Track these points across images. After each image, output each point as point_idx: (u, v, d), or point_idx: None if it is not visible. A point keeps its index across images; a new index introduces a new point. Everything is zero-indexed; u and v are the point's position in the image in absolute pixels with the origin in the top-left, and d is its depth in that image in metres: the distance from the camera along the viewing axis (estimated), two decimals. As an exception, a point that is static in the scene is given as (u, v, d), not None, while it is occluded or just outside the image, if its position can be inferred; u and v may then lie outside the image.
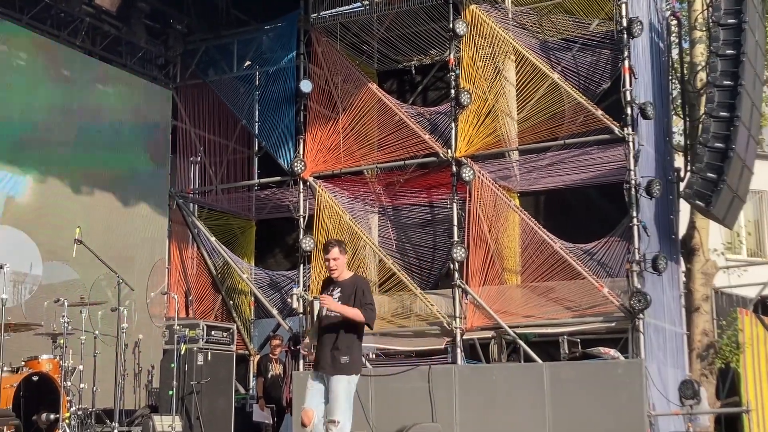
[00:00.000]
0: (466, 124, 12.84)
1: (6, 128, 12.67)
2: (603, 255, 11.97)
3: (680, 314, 13.61)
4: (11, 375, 9.78)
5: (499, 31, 12.81)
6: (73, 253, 10.55)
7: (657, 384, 11.37)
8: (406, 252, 14.04)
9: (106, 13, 14.21)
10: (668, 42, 14.42)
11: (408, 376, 12.17)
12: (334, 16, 14.22)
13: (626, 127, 11.88)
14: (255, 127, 15.40)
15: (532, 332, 12.24)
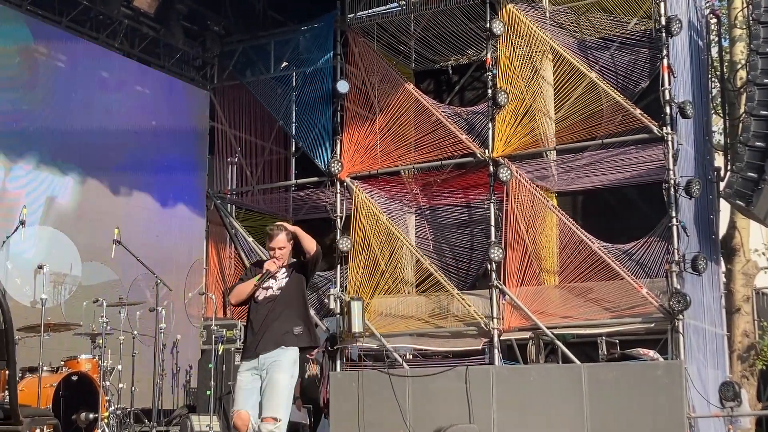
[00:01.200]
0: (503, 124, 12.78)
1: (47, 130, 12.80)
2: (642, 255, 11.85)
3: (720, 315, 13.45)
4: (51, 374, 9.86)
5: (536, 31, 12.74)
6: (111, 254, 10.64)
7: (697, 386, 11.25)
8: (443, 252, 14.00)
9: (144, 15, 14.31)
10: (707, 40, 14.26)
11: (445, 376, 12.14)
12: (371, 16, 14.21)
13: (665, 127, 11.76)
14: (292, 128, 15.43)
15: (570, 333, 12.15)
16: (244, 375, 7.19)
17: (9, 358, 3.78)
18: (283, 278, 7.34)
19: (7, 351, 3.76)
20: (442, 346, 12.78)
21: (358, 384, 12.51)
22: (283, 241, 7.38)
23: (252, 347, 7.22)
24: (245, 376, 7.18)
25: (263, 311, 7.26)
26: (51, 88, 13.00)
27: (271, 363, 7.09)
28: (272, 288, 7.30)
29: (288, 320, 7.24)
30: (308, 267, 7.49)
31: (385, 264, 13.38)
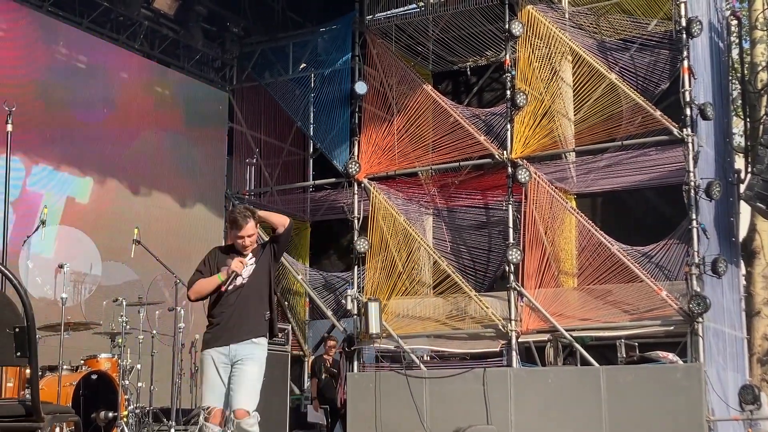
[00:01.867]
0: (522, 125, 12.75)
1: (67, 130, 12.87)
2: (661, 258, 11.81)
3: (740, 318, 13.37)
4: (71, 373, 9.90)
5: (555, 32, 12.71)
6: (131, 254, 10.68)
7: (716, 389, 11.18)
8: (461, 254, 13.98)
9: (164, 16, 14.38)
10: (728, 42, 14.19)
11: (463, 378, 12.12)
12: (389, 17, 14.21)
13: (685, 128, 11.71)
14: (310, 129, 15.48)
15: (589, 335, 12.11)
16: (213, 367, 6.67)
17: (31, 356, 3.79)
18: (251, 264, 6.84)
19: (29, 349, 3.78)
20: (460, 348, 12.76)
21: (376, 385, 12.50)
22: (252, 227, 6.82)
23: (222, 336, 6.69)
24: (214, 368, 6.67)
25: (232, 298, 6.76)
26: (71, 88, 13.07)
27: (246, 354, 6.67)
28: (241, 276, 6.80)
29: (259, 307, 6.84)
30: (280, 243, 7.01)
31: (402, 265, 13.37)
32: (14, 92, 11.44)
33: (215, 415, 6.54)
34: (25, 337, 3.78)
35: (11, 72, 12.23)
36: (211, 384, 6.65)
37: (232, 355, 6.66)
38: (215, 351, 6.67)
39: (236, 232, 6.80)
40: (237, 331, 6.69)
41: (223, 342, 6.67)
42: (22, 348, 3.78)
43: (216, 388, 6.62)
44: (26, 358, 3.81)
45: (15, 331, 3.80)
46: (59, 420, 4.19)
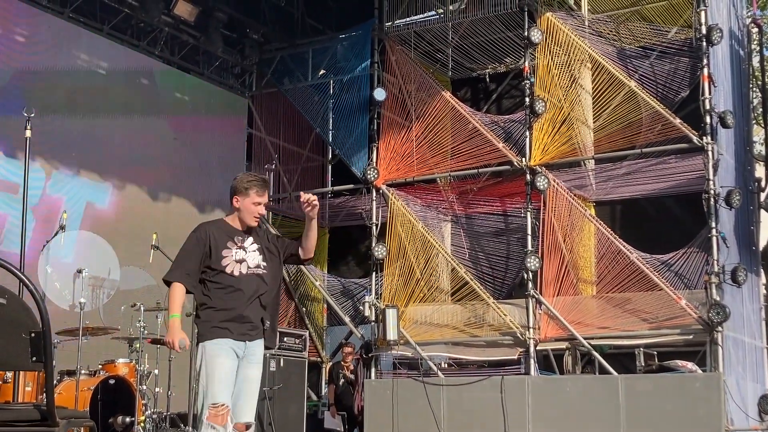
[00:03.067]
0: (541, 133, 12.72)
1: (87, 136, 12.94)
2: (681, 266, 11.75)
3: (760, 327, 13.27)
4: (89, 378, 9.94)
5: (574, 39, 12.69)
6: (150, 259, 10.71)
7: (736, 398, 11.11)
8: (479, 261, 13.95)
9: (184, 23, 14.45)
10: (749, 49, 14.12)
11: (480, 386, 12.09)
12: (409, 24, 14.22)
13: (705, 136, 11.65)
14: (329, 135, 15.50)
15: (608, 344, 12.06)
16: (227, 359, 5.79)
17: (46, 360, 3.80)
18: (257, 253, 6.03)
19: (44, 353, 3.79)
20: (478, 356, 12.73)
21: (393, 392, 12.49)
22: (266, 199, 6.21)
23: (240, 327, 5.85)
24: (228, 361, 5.80)
25: (250, 287, 5.92)
26: (91, 94, 13.14)
27: (257, 355, 5.97)
28: (258, 264, 5.99)
29: (276, 308, 6.18)
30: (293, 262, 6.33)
31: (420, 272, 13.36)
32: (34, 98, 11.52)
33: (225, 416, 5.70)
34: (41, 342, 3.79)
35: (32, 77, 12.31)
36: (226, 378, 5.76)
37: (244, 353, 5.88)
38: (229, 342, 5.80)
39: (256, 197, 6.01)
40: (255, 326, 5.90)
41: (239, 335, 5.83)
42: (37, 353, 3.80)
43: (230, 385, 5.79)
44: (42, 362, 3.82)
45: (31, 336, 3.81)
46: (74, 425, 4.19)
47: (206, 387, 5.74)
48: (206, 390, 5.73)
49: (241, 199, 6.04)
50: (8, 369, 8.06)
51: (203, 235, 6.00)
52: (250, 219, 6.04)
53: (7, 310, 3.79)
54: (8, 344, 3.80)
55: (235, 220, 6.10)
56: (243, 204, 6.03)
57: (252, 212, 6.03)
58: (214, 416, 5.65)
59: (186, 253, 5.98)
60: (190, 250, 5.98)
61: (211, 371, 5.74)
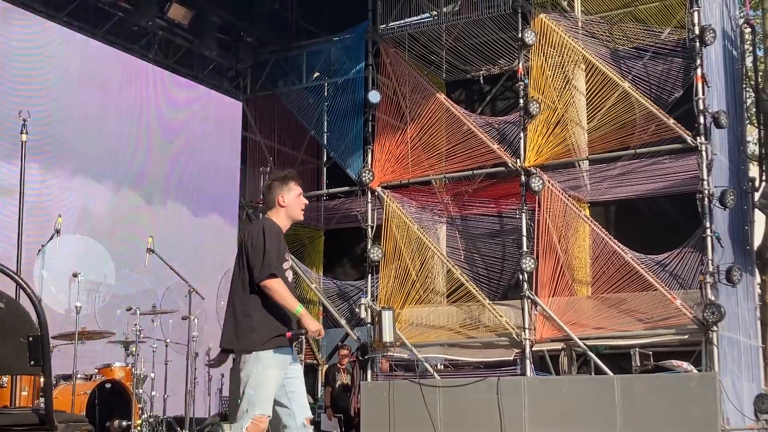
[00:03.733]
0: (535, 134, 12.75)
1: (82, 140, 12.94)
2: (675, 266, 11.77)
3: (755, 327, 13.33)
4: (85, 382, 9.94)
5: (568, 40, 12.72)
6: (145, 263, 10.71)
7: (731, 398, 11.13)
8: (475, 262, 13.98)
9: (178, 26, 14.45)
10: (742, 50, 14.16)
11: (476, 387, 12.10)
12: (403, 26, 14.24)
13: (699, 137, 11.68)
14: (324, 138, 15.51)
15: (603, 344, 12.08)
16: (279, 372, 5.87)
17: (45, 365, 3.81)
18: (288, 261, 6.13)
19: (42, 357, 3.79)
20: (474, 357, 12.75)
21: (389, 394, 12.50)
22: None
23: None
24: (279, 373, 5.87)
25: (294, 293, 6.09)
26: (86, 98, 13.14)
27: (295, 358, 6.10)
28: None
29: None
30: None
31: (416, 274, 13.37)
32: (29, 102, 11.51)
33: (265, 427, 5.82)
34: (39, 346, 3.80)
35: (26, 81, 12.31)
36: (274, 391, 5.84)
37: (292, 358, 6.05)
38: (282, 354, 5.88)
39: (299, 189, 6.14)
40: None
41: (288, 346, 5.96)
42: (35, 357, 3.80)
43: (273, 392, 5.84)
44: (40, 366, 3.83)
45: (29, 339, 3.82)
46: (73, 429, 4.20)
47: (254, 396, 5.76)
48: (254, 399, 5.77)
49: (286, 195, 6.09)
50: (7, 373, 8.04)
51: (281, 235, 6.03)
52: (299, 213, 6.16)
53: (5, 314, 3.80)
54: (7, 348, 3.81)
55: (280, 218, 6.12)
56: (289, 199, 6.10)
57: (299, 205, 6.15)
58: (255, 427, 5.72)
59: (273, 248, 5.90)
60: (275, 245, 5.93)
61: (261, 382, 5.78)
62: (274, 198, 6.09)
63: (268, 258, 5.84)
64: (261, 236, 5.91)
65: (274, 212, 6.12)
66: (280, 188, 6.10)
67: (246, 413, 5.75)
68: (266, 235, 5.91)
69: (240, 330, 5.92)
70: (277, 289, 5.82)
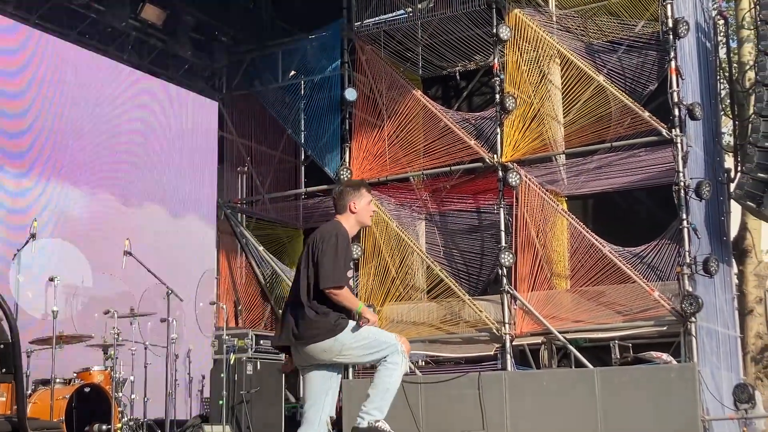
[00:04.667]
0: (512, 129, 12.77)
1: (56, 143, 12.86)
2: (653, 258, 11.82)
3: (733, 317, 13.39)
4: (63, 387, 9.90)
5: (543, 35, 12.74)
6: (122, 265, 10.68)
7: (711, 388, 11.20)
8: (454, 258, 13.98)
9: (152, 26, 14.35)
10: (715, 42, 14.22)
11: (457, 383, 12.12)
12: (378, 24, 14.21)
13: (674, 129, 11.73)
14: (301, 137, 15.47)
15: (583, 337, 12.11)
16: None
17: (16, 372, 3.79)
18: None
19: (14, 365, 3.77)
20: (454, 353, 12.76)
21: (371, 391, 12.46)
22: None
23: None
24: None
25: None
26: (60, 100, 13.07)
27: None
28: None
29: None
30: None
31: (395, 271, 13.37)
32: (3, 105, 11.44)
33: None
34: (10, 354, 3.77)
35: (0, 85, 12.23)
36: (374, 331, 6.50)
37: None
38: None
39: (369, 196, 6.62)
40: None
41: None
42: (6, 364, 3.78)
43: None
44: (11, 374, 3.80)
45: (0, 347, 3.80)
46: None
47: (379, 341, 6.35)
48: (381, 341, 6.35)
49: (358, 201, 6.51)
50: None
51: (350, 243, 6.52)
52: (368, 219, 6.64)
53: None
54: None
55: (349, 223, 6.53)
56: (360, 206, 6.53)
57: (368, 212, 6.58)
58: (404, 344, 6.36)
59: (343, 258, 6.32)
60: (344, 254, 6.34)
61: (368, 332, 6.38)
62: (346, 204, 6.50)
63: (338, 268, 6.27)
64: (335, 243, 6.32)
65: (345, 217, 6.53)
66: (352, 194, 6.55)
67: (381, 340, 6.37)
68: (339, 242, 6.33)
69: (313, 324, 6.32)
70: (344, 295, 6.32)
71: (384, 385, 6.25)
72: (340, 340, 6.34)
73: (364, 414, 6.25)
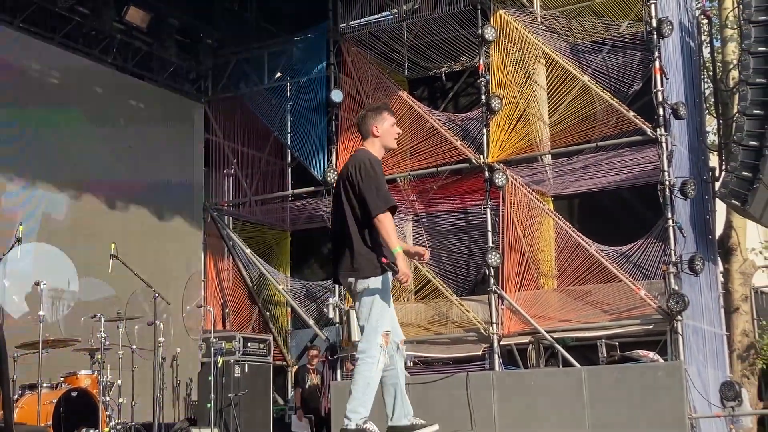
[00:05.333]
0: (498, 129, 12.80)
1: (41, 146, 12.80)
2: (639, 257, 11.87)
3: (719, 315, 13.45)
4: (50, 391, 9.84)
5: (528, 36, 12.78)
6: (109, 269, 10.63)
7: (697, 386, 11.25)
8: (441, 259, 13.99)
9: (136, 29, 14.32)
10: (699, 41, 14.29)
11: (446, 383, 12.13)
12: (363, 25, 14.23)
13: (659, 128, 11.79)
14: (287, 138, 15.47)
15: (570, 336, 12.16)
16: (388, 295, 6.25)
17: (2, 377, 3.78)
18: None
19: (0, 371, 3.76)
20: (443, 353, 12.78)
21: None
22: None
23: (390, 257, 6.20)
24: (388, 296, 6.27)
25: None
26: (45, 104, 13.00)
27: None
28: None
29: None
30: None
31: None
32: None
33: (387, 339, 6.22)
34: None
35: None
36: (388, 312, 6.25)
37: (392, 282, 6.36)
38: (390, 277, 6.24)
39: (392, 118, 6.35)
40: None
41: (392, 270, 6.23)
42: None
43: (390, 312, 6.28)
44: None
45: (-15, 353, 3.78)
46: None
47: (378, 318, 6.15)
48: (378, 321, 6.15)
49: (380, 125, 6.29)
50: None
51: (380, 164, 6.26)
52: (392, 141, 6.34)
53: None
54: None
55: (375, 148, 6.32)
56: (383, 129, 6.29)
57: (393, 134, 6.33)
58: (385, 340, 6.14)
59: (382, 180, 6.14)
60: (382, 177, 6.17)
61: (380, 305, 6.14)
62: (369, 128, 6.29)
63: (383, 191, 6.08)
64: (371, 168, 6.11)
65: (369, 142, 6.33)
66: (374, 118, 6.30)
67: (375, 331, 6.13)
68: (373, 167, 6.12)
69: (357, 260, 6.16)
70: (387, 225, 6.04)
71: (364, 380, 6.22)
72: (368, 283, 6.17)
73: (350, 414, 6.23)
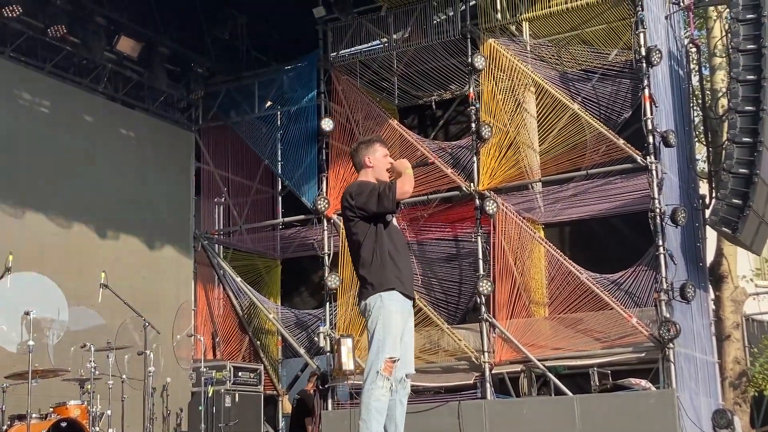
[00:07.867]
0: (488, 157, 12.83)
1: (32, 175, 12.77)
2: (630, 285, 11.88)
3: (711, 342, 13.45)
4: (40, 421, 9.75)
5: (517, 64, 12.84)
6: (99, 298, 10.58)
7: (690, 414, 11.22)
8: (432, 287, 13.98)
9: (127, 58, 14.34)
10: (688, 69, 14.39)
11: (438, 412, 12.07)
12: (354, 54, 14.29)
13: (649, 156, 11.83)
14: (278, 167, 15.48)
15: (562, 365, 12.12)
16: (400, 315, 5.99)
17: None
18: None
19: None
20: (434, 382, 12.72)
21: (350, 423, 12.41)
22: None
23: (406, 283, 6.07)
24: (400, 317, 5.99)
25: (403, 241, 6.26)
26: (35, 133, 12.98)
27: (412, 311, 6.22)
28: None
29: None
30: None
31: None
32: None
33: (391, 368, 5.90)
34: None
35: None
36: (397, 332, 5.94)
37: (408, 310, 6.11)
38: (403, 299, 6.02)
39: (383, 149, 6.29)
40: (413, 283, 6.24)
41: (408, 290, 6.07)
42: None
43: (398, 338, 5.95)
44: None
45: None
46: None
47: (383, 340, 5.89)
48: (380, 345, 5.89)
49: (371, 156, 6.28)
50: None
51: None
52: (385, 173, 6.25)
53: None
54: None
55: (368, 179, 6.28)
56: (375, 159, 6.27)
57: (385, 165, 6.26)
58: (388, 369, 5.85)
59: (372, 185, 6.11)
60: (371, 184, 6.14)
61: (388, 325, 5.91)
62: (361, 160, 6.31)
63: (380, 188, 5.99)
64: (360, 186, 6.11)
65: (363, 173, 6.35)
66: (366, 150, 6.32)
67: (376, 355, 5.90)
68: (363, 185, 6.12)
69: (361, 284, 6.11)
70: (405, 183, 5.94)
71: (365, 407, 6.03)
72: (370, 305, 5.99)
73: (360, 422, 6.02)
